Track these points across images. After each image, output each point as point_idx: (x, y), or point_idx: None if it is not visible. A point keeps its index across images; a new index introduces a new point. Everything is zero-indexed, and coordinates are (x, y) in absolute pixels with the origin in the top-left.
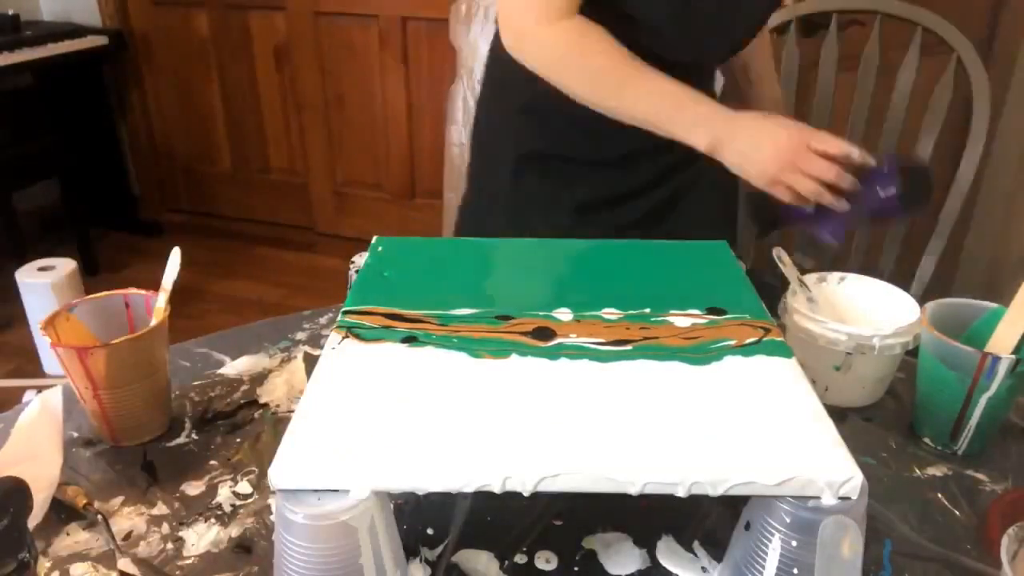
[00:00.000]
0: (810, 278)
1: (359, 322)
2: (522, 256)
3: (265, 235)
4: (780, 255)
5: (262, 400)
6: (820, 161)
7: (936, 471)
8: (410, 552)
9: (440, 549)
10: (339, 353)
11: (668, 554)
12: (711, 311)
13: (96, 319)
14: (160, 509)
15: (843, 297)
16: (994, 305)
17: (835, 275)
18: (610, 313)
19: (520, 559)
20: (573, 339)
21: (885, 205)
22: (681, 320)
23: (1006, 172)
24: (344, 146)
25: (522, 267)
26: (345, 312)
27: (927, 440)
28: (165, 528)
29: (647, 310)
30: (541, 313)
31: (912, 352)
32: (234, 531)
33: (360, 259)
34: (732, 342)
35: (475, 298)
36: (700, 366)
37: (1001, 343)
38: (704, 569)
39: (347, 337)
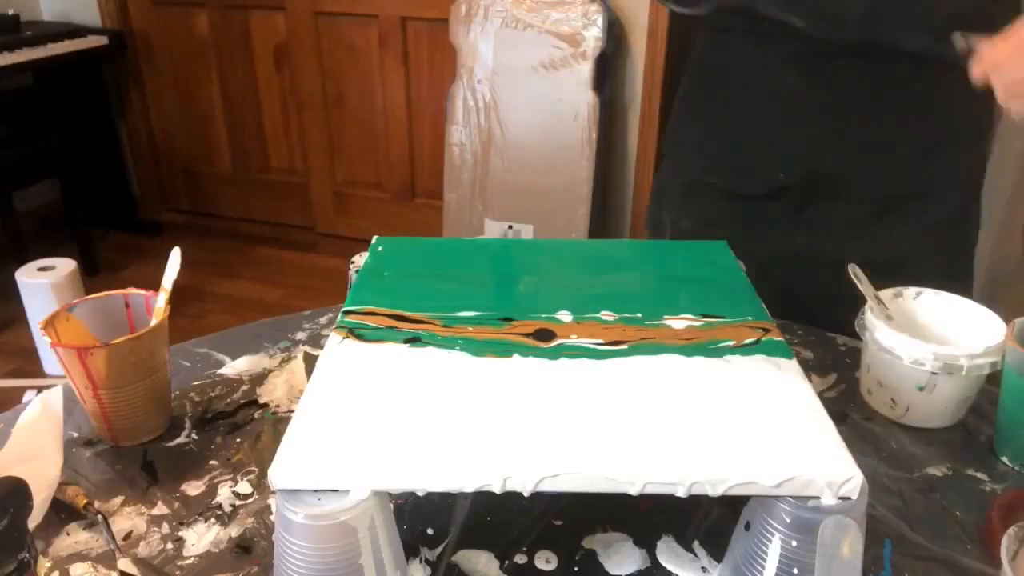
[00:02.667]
0: (886, 293)
1: (361, 322)
2: (522, 256)
3: (265, 235)
4: (855, 271)
5: (262, 400)
6: None
7: (936, 471)
8: (410, 552)
9: (440, 549)
10: (339, 353)
11: (668, 554)
12: (707, 316)
13: (96, 319)
14: (160, 509)
15: (920, 313)
16: None
17: (911, 290)
18: (608, 315)
19: (520, 559)
20: (573, 340)
21: None
22: (677, 323)
23: (1006, 172)
24: (344, 146)
25: (523, 267)
26: (345, 312)
27: (1005, 459)
28: (165, 528)
29: (639, 315)
30: (543, 315)
31: None
32: (234, 531)
33: (360, 259)
34: (731, 343)
35: (476, 299)
36: (700, 367)
37: None
38: (704, 569)
39: (348, 337)
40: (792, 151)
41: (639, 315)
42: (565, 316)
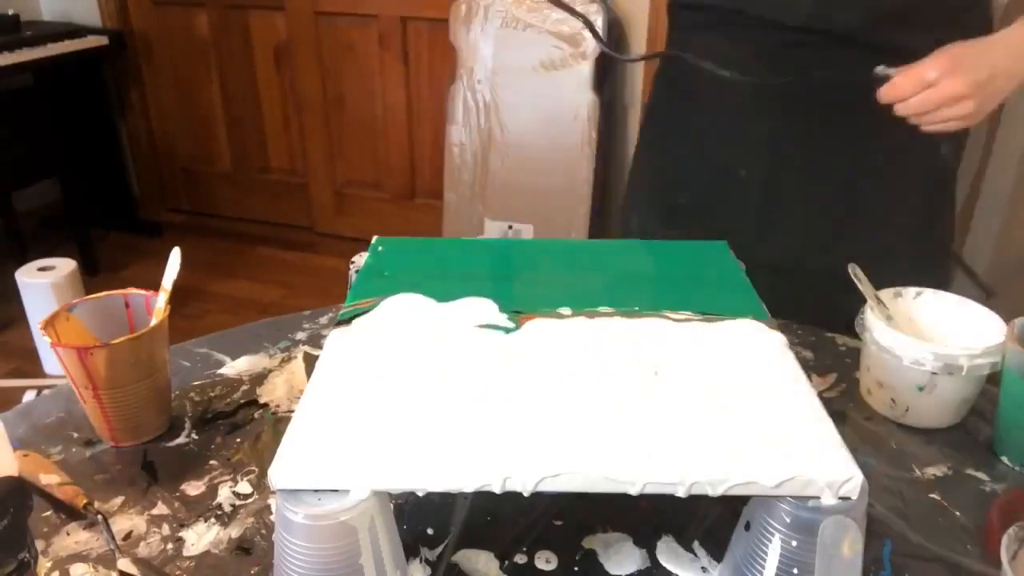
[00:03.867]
0: (886, 293)
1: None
2: (522, 256)
3: (265, 235)
4: (855, 271)
5: (262, 400)
6: None
7: (936, 471)
8: (410, 552)
9: (440, 549)
10: (339, 353)
11: (668, 554)
12: (706, 315)
13: (96, 319)
14: (160, 509)
15: (920, 313)
16: None
17: (911, 290)
18: (606, 311)
19: (520, 559)
20: None
21: None
22: (676, 316)
23: (1006, 172)
24: (344, 146)
25: (522, 267)
26: (345, 312)
27: (1005, 459)
28: (165, 528)
29: (636, 308)
30: (544, 311)
31: None
32: (234, 531)
33: (360, 259)
34: None
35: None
36: (699, 369)
37: None
38: (704, 569)
39: (347, 337)
40: (754, 145)
41: (636, 308)
42: (565, 312)
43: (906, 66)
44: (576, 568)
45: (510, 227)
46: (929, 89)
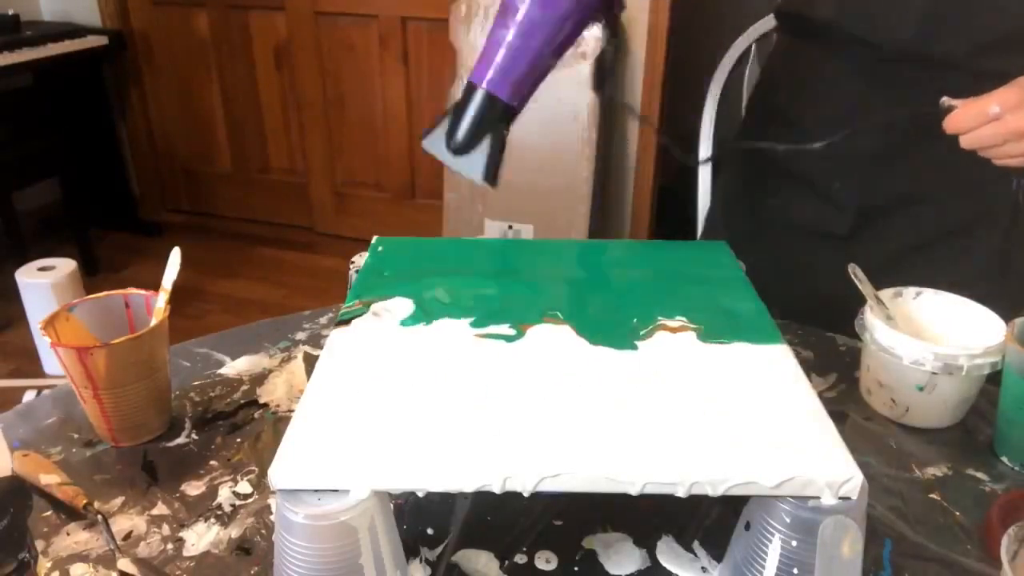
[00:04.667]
0: (885, 293)
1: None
2: (522, 256)
3: (265, 235)
4: (855, 271)
5: (262, 400)
6: None
7: (936, 471)
8: (410, 552)
9: (440, 549)
10: (339, 353)
11: (668, 554)
12: (706, 336)
13: (96, 319)
14: (160, 509)
15: (920, 313)
16: None
17: (911, 290)
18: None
19: (520, 559)
20: None
21: None
22: (673, 323)
23: None
24: (344, 146)
25: (523, 267)
26: (345, 312)
27: (1005, 459)
28: (165, 528)
29: (635, 320)
30: (544, 314)
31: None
32: (234, 531)
33: (360, 259)
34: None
35: (476, 299)
36: (699, 368)
37: None
38: (704, 569)
39: (347, 337)
40: (850, 162)
41: (635, 321)
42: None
43: (971, 98)
44: (576, 568)
45: (510, 227)
46: (993, 123)
